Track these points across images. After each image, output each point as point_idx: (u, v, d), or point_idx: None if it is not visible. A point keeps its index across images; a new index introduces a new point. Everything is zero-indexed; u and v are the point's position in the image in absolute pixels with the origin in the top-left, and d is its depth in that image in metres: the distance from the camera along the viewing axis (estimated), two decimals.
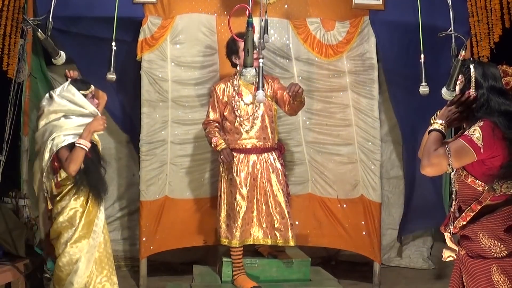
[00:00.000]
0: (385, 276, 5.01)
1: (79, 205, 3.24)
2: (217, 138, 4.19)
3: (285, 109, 4.22)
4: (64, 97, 3.25)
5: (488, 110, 2.24)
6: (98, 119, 3.28)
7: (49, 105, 3.25)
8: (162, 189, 4.69)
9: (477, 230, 2.23)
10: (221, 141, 4.18)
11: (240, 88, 4.26)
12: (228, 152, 4.13)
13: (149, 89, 4.67)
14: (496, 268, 2.17)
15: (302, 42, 4.82)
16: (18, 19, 4.41)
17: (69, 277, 3.17)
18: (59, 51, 3.35)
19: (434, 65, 4.31)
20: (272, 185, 4.17)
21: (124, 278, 4.89)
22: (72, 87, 3.27)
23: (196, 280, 4.49)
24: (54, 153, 3.15)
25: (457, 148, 2.20)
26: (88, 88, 3.35)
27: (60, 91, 3.27)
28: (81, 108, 3.27)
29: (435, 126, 2.34)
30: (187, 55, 4.74)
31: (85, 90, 3.32)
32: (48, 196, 3.23)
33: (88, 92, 3.35)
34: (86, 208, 3.25)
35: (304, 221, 4.74)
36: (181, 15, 4.71)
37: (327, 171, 4.86)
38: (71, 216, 3.22)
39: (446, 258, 2.43)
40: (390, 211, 5.45)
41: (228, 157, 4.11)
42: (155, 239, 4.64)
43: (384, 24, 4.80)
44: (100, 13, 4.47)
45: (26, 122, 4.60)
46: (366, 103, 4.80)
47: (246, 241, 4.17)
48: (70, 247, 3.19)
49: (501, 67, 2.35)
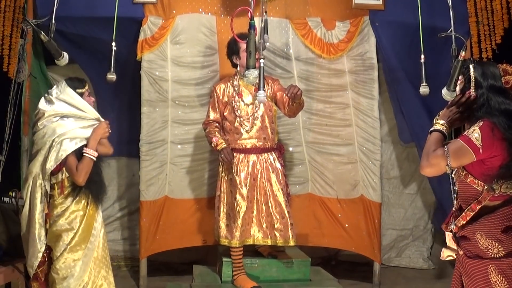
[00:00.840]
0: (385, 276, 5.01)
1: (80, 208, 3.23)
2: (217, 138, 4.19)
3: (284, 110, 4.23)
4: (63, 100, 3.25)
5: (488, 110, 2.24)
6: (103, 125, 3.27)
7: (48, 107, 3.24)
8: (162, 189, 4.69)
9: (475, 230, 2.23)
10: (221, 141, 4.18)
11: (240, 88, 4.26)
12: (228, 152, 4.13)
13: (149, 89, 4.67)
14: (493, 269, 2.17)
15: (303, 39, 4.81)
16: (18, 20, 4.40)
17: (66, 280, 3.17)
18: (62, 52, 3.36)
19: (435, 65, 4.32)
20: (272, 185, 4.17)
21: (124, 278, 4.89)
22: (69, 90, 3.26)
23: (196, 280, 4.49)
24: (63, 159, 3.14)
25: (455, 148, 2.21)
26: (84, 86, 3.35)
27: (57, 94, 3.26)
28: (81, 111, 3.27)
29: (436, 127, 2.34)
30: (187, 55, 4.74)
31: (81, 88, 3.32)
32: (47, 199, 3.21)
33: (84, 90, 3.34)
34: (87, 211, 3.25)
35: (304, 221, 4.74)
36: (181, 15, 4.71)
37: (327, 171, 4.86)
38: (72, 219, 3.20)
39: (445, 257, 2.43)
40: (390, 211, 5.46)
41: (229, 157, 4.11)
42: (155, 239, 4.64)
43: (384, 24, 4.80)
44: (100, 13, 4.47)
45: (26, 122, 4.59)
46: (366, 103, 4.80)
47: (246, 241, 4.17)
48: (69, 250, 3.18)
49: (501, 66, 2.35)
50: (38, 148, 3.22)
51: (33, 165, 3.22)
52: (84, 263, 3.21)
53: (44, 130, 3.21)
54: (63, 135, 3.17)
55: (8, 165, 4.36)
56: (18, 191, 3.86)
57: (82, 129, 3.23)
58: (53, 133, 3.18)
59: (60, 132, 3.17)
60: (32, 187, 3.20)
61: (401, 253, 5.48)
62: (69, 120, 3.23)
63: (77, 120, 3.24)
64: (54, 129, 3.18)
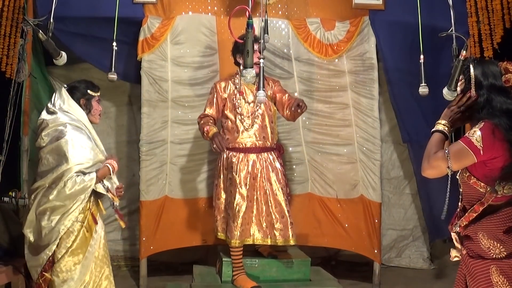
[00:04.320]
0: (385, 276, 5.01)
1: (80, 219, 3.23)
2: (208, 127, 4.12)
3: (283, 112, 4.23)
4: (66, 114, 3.28)
5: (490, 111, 2.23)
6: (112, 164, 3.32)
7: (52, 118, 3.26)
8: (162, 189, 4.69)
9: (477, 230, 2.23)
10: (212, 127, 4.11)
11: (242, 87, 4.26)
12: (220, 139, 4.05)
13: (149, 89, 4.67)
14: (495, 269, 2.17)
15: (302, 42, 4.82)
16: (18, 19, 4.40)
17: (66, 283, 3.17)
18: (60, 52, 3.36)
19: (435, 65, 4.31)
20: (271, 184, 4.17)
21: (124, 278, 4.89)
22: (72, 103, 3.30)
23: (196, 280, 4.49)
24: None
25: (456, 150, 2.20)
26: (97, 91, 3.41)
27: (60, 104, 3.27)
28: (82, 123, 3.31)
29: (438, 127, 2.34)
30: (187, 55, 4.74)
31: (95, 92, 3.39)
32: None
33: (95, 94, 3.39)
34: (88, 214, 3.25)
35: (304, 221, 4.74)
36: (181, 15, 4.72)
37: (327, 171, 4.86)
38: (70, 227, 3.20)
39: (453, 258, 2.42)
40: (390, 212, 5.46)
41: (221, 144, 4.04)
42: (155, 239, 4.64)
43: (384, 24, 4.80)
44: (100, 13, 4.47)
45: (26, 122, 4.59)
46: (366, 103, 4.81)
47: (246, 240, 4.17)
48: (70, 253, 3.18)
49: (502, 64, 2.33)
50: (48, 168, 3.20)
51: (45, 178, 3.21)
52: (85, 266, 3.21)
53: (50, 139, 3.22)
54: (77, 161, 3.16)
55: (8, 165, 4.36)
56: (18, 191, 3.86)
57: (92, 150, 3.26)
58: (61, 136, 3.18)
59: (75, 159, 3.16)
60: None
61: (401, 253, 5.48)
62: (71, 130, 3.23)
63: (76, 130, 3.25)
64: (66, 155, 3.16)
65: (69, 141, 3.17)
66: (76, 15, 4.49)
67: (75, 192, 3.14)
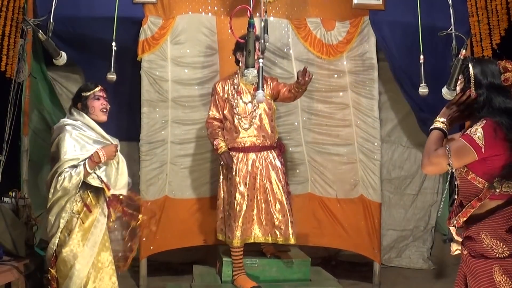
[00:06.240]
0: (385, 276, 5.01)
1: (75, 210, 3.25)
2: (219, 141, 4.20)
3: (287, 94, 4.19)
4: (68, 119, 3.37)
5: (491, 110, 2.23)
6: (112, 148, 3.37)
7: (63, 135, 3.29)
8: (162, 189, 4.69)
9: (480, 230, 2.22)
10: (222, 144, 4.19)
11: (240, 87, 4.26)
12: (228, 156, 4.15)
13: (149, 89, 4.67)
14: (498, 268, 2.16)
15: (303, 41, 4.82)
16: (18, 19, 4.40)
17: (65, 282, 3.18)
18: (60, 52, 3.36)
19: (435, 65, 4.31)
20: (271, 183, 4.17)
21: (124, 278, 4.87)
22: (73, 111, 3.37)
23: (196, 280, 4.49)
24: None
25: (457, 148, 2.20)
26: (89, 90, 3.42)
27: (72, 129, 3.29)
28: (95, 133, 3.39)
29: (437, 125, 2.34)
30: (188, 56, 4.74)
31: (86, 91, 3.40)
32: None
33: (89, 93, 3.40)
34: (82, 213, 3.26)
35: (304, 221, 4.73)
36: (181, 15, 4.72)
37: (327, 171, 4.87)
38: (68, 220, 3.22)
39: (454, 251, 2.42)
40: (391, 212, 5.46)
41: (228, 161, 4.13)
42: (155, 239, 4.63)
43: (384, 24, 4.80)
44: (100, 13, 4.47)
45: (26, 122, 4.60)
46: (366, 103, 4.81)
47: (247, 240, 4.17)
48: (65, 251, 3.19)
49: (501, 63, 2.33)
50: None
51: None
52: (83, 265, 3.22)
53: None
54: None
55: (8, 165, 4.36)
56: (18, 191, 3.86)
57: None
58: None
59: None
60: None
61: (401, 253, 5.48)
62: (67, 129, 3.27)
63: (74, 129, 3.30)
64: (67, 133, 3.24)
65: (62, 139, 3.23)
66: (75, 15, 4.49)
67: (65, 187, 3.19)
